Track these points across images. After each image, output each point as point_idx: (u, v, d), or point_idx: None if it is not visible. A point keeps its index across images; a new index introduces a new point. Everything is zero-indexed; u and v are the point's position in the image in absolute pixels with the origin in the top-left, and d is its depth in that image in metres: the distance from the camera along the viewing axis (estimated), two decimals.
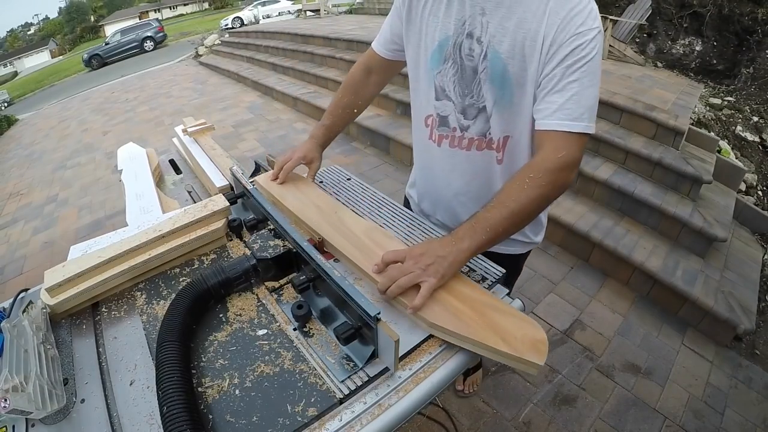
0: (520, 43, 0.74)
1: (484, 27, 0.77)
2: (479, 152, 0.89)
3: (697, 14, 4.59)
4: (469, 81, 0.83)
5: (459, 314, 0.65)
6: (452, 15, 0.80)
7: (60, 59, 31.12)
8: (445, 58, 0.84)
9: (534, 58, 0.74)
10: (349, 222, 0.88)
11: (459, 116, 0.87)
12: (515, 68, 0.76)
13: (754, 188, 2.99)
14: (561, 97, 0.72)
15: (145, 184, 1.22)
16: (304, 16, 9.59)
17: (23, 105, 12.12)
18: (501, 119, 0.83)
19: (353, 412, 0.58)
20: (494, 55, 0.77)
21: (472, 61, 0.80)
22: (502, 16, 0.75)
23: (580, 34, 0.70)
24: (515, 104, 0.80)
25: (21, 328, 0.65)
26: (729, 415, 1.62)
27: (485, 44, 0.77)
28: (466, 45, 0.80)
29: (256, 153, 3.95)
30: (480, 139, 0.88)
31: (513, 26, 0.74)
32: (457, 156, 0.92)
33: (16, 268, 2.93)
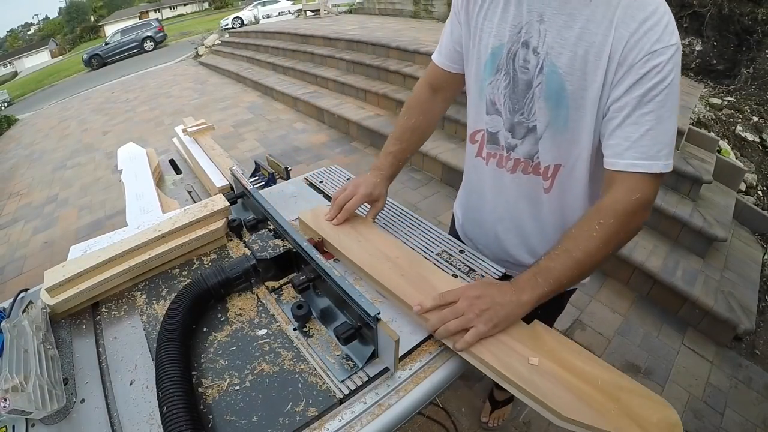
0: (581, 58, 0.65)
1: (541, 36, 0.67)
2: (525, 176, 0.80)
3: (697, 14, 4.59)
4: (521, 96, 0.73)
5: (593, 403, 0.55)
6: (508, 20, 0.71)
7: (60, 59, 31.12)
8: (497, 67, 0.75)
9: (597, 76, 0.64)
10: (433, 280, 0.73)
11: (507, 134, 0.79)
12: (574, 86, 0.66)
13: (754, 188, 2.99)
14: (635, 131, 0.62)
15: (145, 184, 1.22)
16: (304, 16, 9.59)
17: (23, 105, 12.12)
18: (553, 144, 0.73)
19: (353, 412, 0.58)
20: (551, 70, 0.67)
21: (527, 74, 0.71)
22: (562, 25, 0.65)
23: (655, 53, 0.60)
24: (570, 128, 0.70)
25: (21, 328, 0.65)
26: (729, 415, 1.62)
27: (542, 56, 0.68)
28: (521, 55, 0.70)
29: (256, 153, 3.95)
30: (527, 161, 0.78)
31: (574, 37, 0.65)
32: (504, 177, 0.84)
33: (16, 268, 2.93)
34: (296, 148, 3.97)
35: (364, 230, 0.87)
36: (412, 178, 3.22)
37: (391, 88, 4.15)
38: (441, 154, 3.11)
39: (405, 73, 4.09)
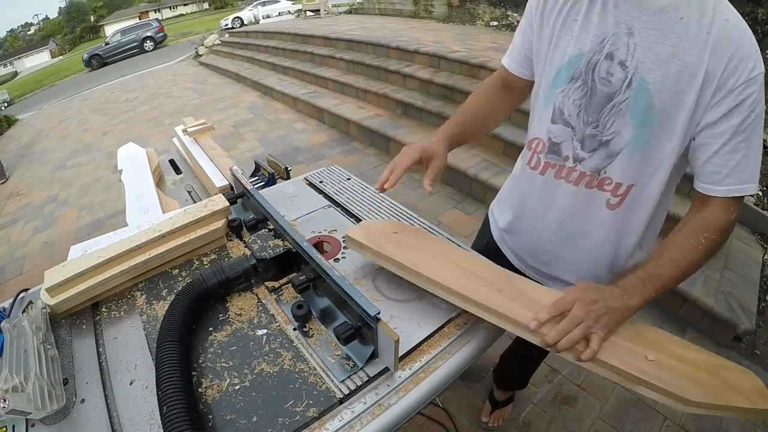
0: (674, 76, 0.63)
1: (630, 50, 0.65)
2: (588, 190, 0.77)
3: None
4: (598, 108, 0.71)
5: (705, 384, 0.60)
6: (590, 29, 0.69)
7: (60, 59, 31.12)
8: (573, 77, 0.72)
9: (690, 96, 0.63)
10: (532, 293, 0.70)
11: (576, 144, 0.75)
12: (663, 104, 0.65)
13: None
14: (732, 159, 0.64)
15: (145, 184, 1.22)
16: (304, 16, 9.59)
17: (23, 105, 12.12)
18: (631, 161, 0.71)
19: (353, 411, 0.58)
20: (641, 85, 0.66)
21: (609, 87, 0.69)
22: (654, 41, 0.64)
23: (752, 80, 0.60)
24: (652, 146, 0.69)
25: (21, 328, 0.65)
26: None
27: (631, 70, 0.66)
28: (604, 67, 0.68)
29: (256, 153, 3.95)
30: (592, 175, 0.75)
31: (667, 54, 0.63)
32: (561, 189, 0.80)
33: (16, 268, 2.92)
34: (296, 148, 3.97)
35: (426, 243, 0.80)
36: (411, 178, 3.22)
37: (391, 88, 4.15)
38: None
39: (405, 73, 4.09)
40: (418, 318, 0.72)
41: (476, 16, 6.32)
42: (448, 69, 3.93)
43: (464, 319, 0.72)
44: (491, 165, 2.98)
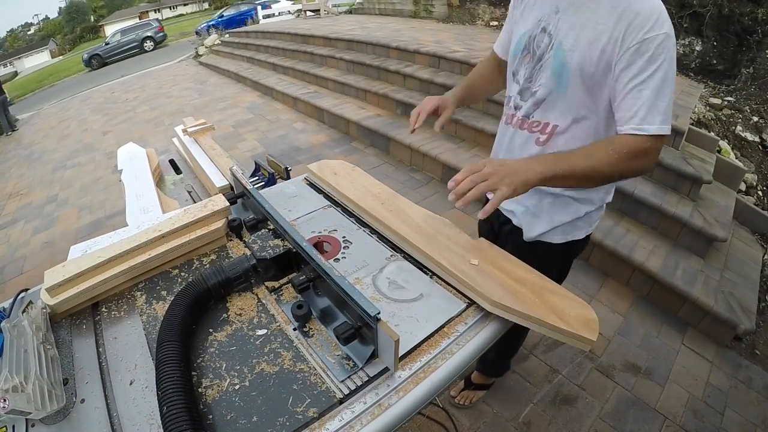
0: (585, 40, 0.80)
1: (555, 23, 0.86)
2: (521, 131, 0.98)
3: (697, 14, 4.59)
4: (533, 67, 0.92)
5: (520, 296, 0.70)
6: (534, 12, 0.91)
7: (60, 59, 31.10)
8: (524, 47, 0.94)
9: (599, 57, 0.79)
10: (408, 210, 0.95)
11: (516, 96, 0.98)
12: (574, 61, 0.82)
13: (754, 188, 2.99)
14: (635, 102, 0.76)
15: (145, 184, 1.22)
16: (304, 16, 9.59)
17: (23, 105, 12.11)
18: (553, 106, 0.90)
19: (353, 411, 0.58)
20: (558, 47, 0.85)
21: (540, 51, 0.89)
22: (571, 14, 0.83)
23: (649, 39, 0.74)
24: (569, 95, 0.86)
25: (21, 328, 0.65)
26: (729, 415, 1.62)
27: (554, 37, 0.86)
28: (539, 38, 0.89)
29: (256, 153, 3.95)
30: (524, 119, 0.96)
31: (580, 24, 0.81)
32: (507, 132, 1.03)
33: (16, 268, 2.92)
34: (296, 148, 3.97)
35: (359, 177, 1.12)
36: (412, 178, 3.22)
37: (391, 88, 4.15)
38: (441, 155, 3.11)
39: (405, 73, 4.09)
40: (418, 318, 0.72)
41: (476, 16, 6.32)
42: (448, 69, 3.93)
43: (464, 319, 0.72)
44: None
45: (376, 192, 1.03)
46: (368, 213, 0.95)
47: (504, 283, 0.73)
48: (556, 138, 0.92)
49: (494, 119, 3.31)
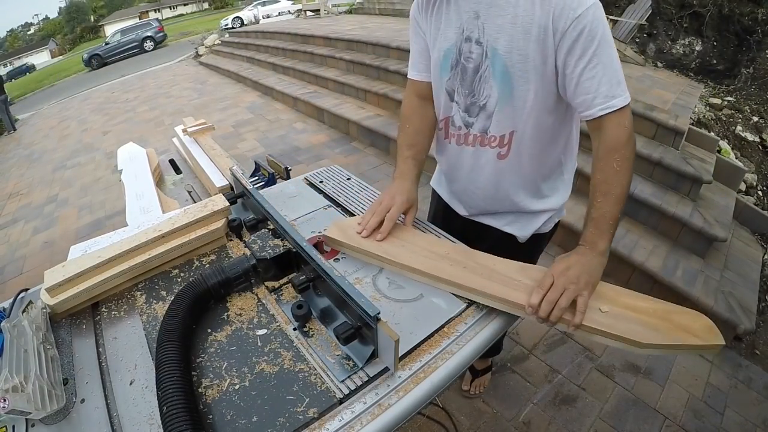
0: (517, 38, 0.77)
1: (480, 29, 0.80)
2: (482, 148, 0.92)
3: (697, 14, 4.59)
4: (471, 81, 0.86)
5: (659, 328, 0.68)
6: (452, 24, 0.84)
7: (60, 59, 31.10)
8: (451, 65, 0.88)
9: (533, 50, 0.76)
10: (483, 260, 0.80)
11: (463, 114, 0.91)
12: (513, 62, 0.79)
13: (754, 188, 2.99)
14: (592, 83, 0.75)
15: (145, 184, 1.22)
16: (304, 16, 9.59)
17: (23, 105, 12.11)
18: (504, 114, 0.85)
19: (353, 411, 0.58)
20: (494, 53, 0.80)
21: (473, 62, 0.84)
22: (495, 15, 0.78)
23: (580, 18, 0.71)
24: (516, 97, 0.82)
25: (21, 328, 0.65)
26: (729, 415, 1.62)
27: (484, 44, 0.81)
28: (466, 48, 0.84)
29: (256, 153, 3.95)
30: (482, 135, 0.91)
31: (508, 23, 0.77)
32: (464, 152, 0.96)
33: (16, 268, 2.92)
34: (296, 148, 3.97)
35: (400, 234, 0.88)
36: None
37: (391, 88, 4.15)
38: None
39: (405, 73, 4.05)
40: (418, 318, 0.72)
41: None
42: None
43: (464, 319, 0.72)
44: None
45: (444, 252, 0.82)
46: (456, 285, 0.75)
47: (636, 320, 0.69)
48: (518, 146, 0.88)
49: None
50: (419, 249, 0.83)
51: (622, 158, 0.76)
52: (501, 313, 0.74)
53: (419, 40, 0.95)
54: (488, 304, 0.73)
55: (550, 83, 0.80)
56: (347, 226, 0.89)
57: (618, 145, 0.76)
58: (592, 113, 0.77)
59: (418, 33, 0.94)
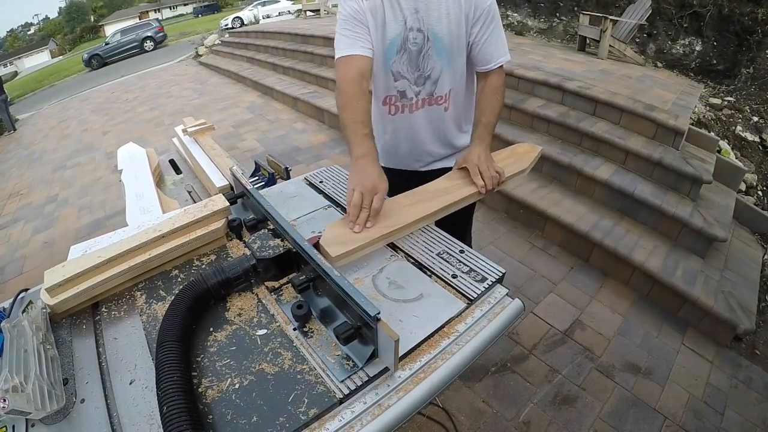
0: (451, 22, 1.08)
1: (421, 21, 1.08)
2: (430, 107, 1.21)
3: (697, 14, 4.59)
4: (416, 60, 1.13)
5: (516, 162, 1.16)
6: (397, 19, 1.09)
7: (60, 59, 31.08)
8: (397, 50, 1.13)
9: (461, 31, 1.09)
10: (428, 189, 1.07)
11: (413, 86, 1.18)
12: (450, 39, 1.10)
13: (754, 188, 2.99)
14: (489, 47, 1.11)
15: (145, 184, 1.22)
16: (304, 16, 9.59)
17: (23, 105, 12.11)
18: (446, 79, 1.16)
19: (353, 411, 0.58)
20: (435, 36, 1.10)
21: (417, 47, 1.11)
22: (432, 9, 1.07)
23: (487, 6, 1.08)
24: (452, 64, 1.15)
25: (21, 328, 0.65)
26: (729, 415, 1.62)
27: (425, 31, 1.09)
28: (411, 37, 1.10)
29: (256, 153, 3.95)
30: (429, 97, 1.19)
31: (443, 14, 1.07)
32: (415, 117, 1.22)
33: (16, 268, 2.92)
34: (296, 148, 3.97)
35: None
36: None
37: None
38: None
39: None
40: (418, 318, 0.72)
41: None
42: None
43: (464, 318, 0.72)
44: None
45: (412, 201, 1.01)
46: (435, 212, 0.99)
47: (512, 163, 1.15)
48: (453, 98, 1.21)
49: None
50: (396, 210, 0.97)
51: (501, 93, 1.15)
52: (500, 313, 0.74)
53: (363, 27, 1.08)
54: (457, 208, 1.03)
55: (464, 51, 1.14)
56: (340, 235, 0.87)
57: (499, 86, 1.14)
58: (489, 67, 1.13)
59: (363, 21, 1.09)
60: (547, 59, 4.04)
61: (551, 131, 3.02)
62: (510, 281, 1.28)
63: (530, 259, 2.40)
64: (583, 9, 5.19)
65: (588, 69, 3.75)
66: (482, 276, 0.80)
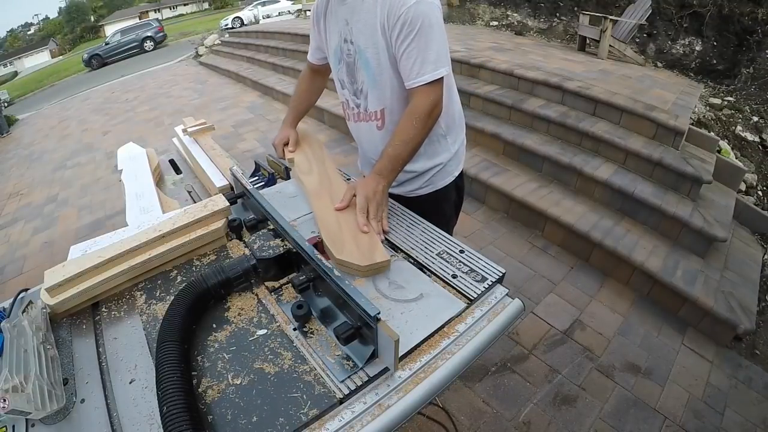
0: (369, 36, 0.99)
1: (351, 32, 1.03)
2: (366, 122, 1.15)
3: (697, 14, 4.59)
4: (352, 71, 1.09)
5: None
6: (335, 29, 1.07)
7: (60, 59, 31.08)
8: (339, 60, 1.11)
9: (381, 43, 0.98)
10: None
11: (353, 97, 1.15)
12: (371, 54, 1.01)
13: (754, 188, 2.99)
14: (408, 62, 0.95)
15: (145, 184, 1.22)
16: (304, 16, 9.58)
17: (23, 105, 12.10)
18: (373, 95, 1.08)
19: (353, 412, 0.58)
20: (359, 49, 1.03)
21: (351, 58, 1.07)
22: (356, 20, 1.00)
23: (403, 14, 0.91)
24: (379, 81, 1.04)
25: (21, 328, 0.65)
26: (729, 415, 1.62)
27: (354, 44, 1.03)
28: (345, 48, 1.07)
29: (256, 153, 3.95)
30: (364, 112, 1.14)
31: (362, 26, 0.99)
32: (360, 127, 1.19)
33: (16, 268, 2.92)
34: None
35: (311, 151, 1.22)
36: None
37: None
38: None
39: None
40: (419, 318, 0.72)
41: (476, 16, 6.32)
42: None
43: (464, 319, 0.72)
44: (491, 165, 2.98)
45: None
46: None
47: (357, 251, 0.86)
48: (389, 117, 1.09)
49: (494, 119, 3.31)
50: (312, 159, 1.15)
51: (420, 120, 0.96)
52: (501, 313, 0.74)
53: (316, 35, 1.19)
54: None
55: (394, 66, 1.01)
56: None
57: (419, 111, 0.96)
58: (409, 84, 0.98)
59: (317, 29, 1.17)
60: (547, 59, 4.04)
61: (551, 131, 3.02)
62: (510, 281, 1.28)
63: (530, 259, 2.40)
64: (583, 9, 5.19)
65: (588, 69, 3.75)
66: (482, 276, 0.80)
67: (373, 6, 0.96)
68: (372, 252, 0.82)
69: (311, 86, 1.37)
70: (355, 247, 0.83)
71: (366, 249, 0.83)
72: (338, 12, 1.04)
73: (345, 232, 0.88)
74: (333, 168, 1.16)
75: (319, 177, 1.09)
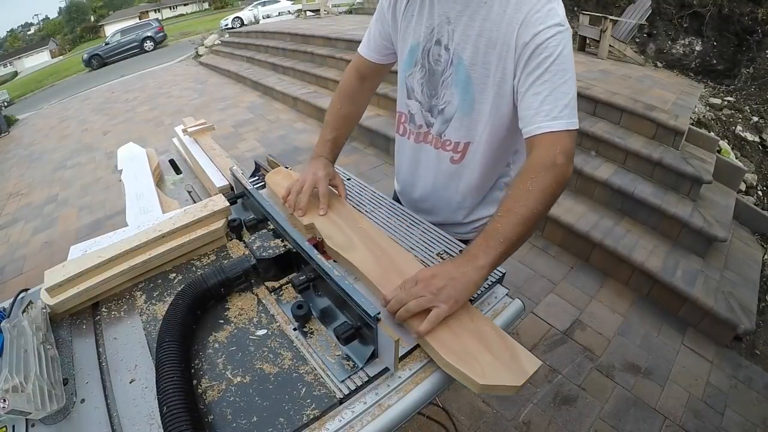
0: (482, 51, 0.77)
1: (450, 35, 0.80)
2: (436, 150, 0.94)
3: (697, 14, 4.59)
4: (435, 84, 0.87)
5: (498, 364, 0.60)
6: (423, 22, 0.84)
7: (60, 59, 31.09)
8: (415, 62, 0.89)
9: (496, 65, 0.77)
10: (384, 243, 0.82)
11: (426, 114, 0.93)
12: (477, 74, 0.80)
13: (754, 188, 2.99)
14: (536, 100, 0.72)
15: (145, 184, 1.22)
16: (304, 16, 9.58)
17: (23, 105, 12.11)
18: (461, 124, 0.87)
19: (353, 412, 0.58)
20: (459, 62, 0.81)
21: (440, 66, 0.85)
22: (465, 24, 0.78)
23: (539, 34, 0.70)
24: (476, 110, 0.83)
25: (21, 328, 0.65)
26: (729, 415, 1.62)
27: (452, 51, 0.81)
28: (435, 51, 0.84)
29: (256, 153, 3.95)
30: (438, 138, 0.93)
31: (475, 34, 0.77)
32: (424, 150, 0.97)
33: (16, 268, 2.92)
34: (296, 148, 3.97)
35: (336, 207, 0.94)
36: None
37: (391, 88, 4.14)
38: None
39: None
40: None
41: None
42: None
43: None
44: None
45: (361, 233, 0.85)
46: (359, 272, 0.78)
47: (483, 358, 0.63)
48: (471, 156, 0.89)
49: None
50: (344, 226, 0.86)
51: (539, 181, 0.68)
52: (501, 313, 0.74)
53: (380, 25, 0.96)
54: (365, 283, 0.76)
55: (507, 101, 0.79)
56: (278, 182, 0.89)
57: (540, 167, 0.69)
58: (530, 130, 0.72)
59: (382, 19, 0.95)
60: None
61: None
62: (510, 281, 1.28)
63: (530, 259, 2.40)
64: (583, 9, 5.19)
65: (588, 69, 3.74)
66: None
67: (500, 14, 0.73)
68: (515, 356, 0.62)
69: (359, 97, 1.05)
70: (490, 356, 0.60)
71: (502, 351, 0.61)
72: (437, 4, 0.81)
73: (465, 338, 0.62)
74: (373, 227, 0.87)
75: (368, 250, 0.80)
